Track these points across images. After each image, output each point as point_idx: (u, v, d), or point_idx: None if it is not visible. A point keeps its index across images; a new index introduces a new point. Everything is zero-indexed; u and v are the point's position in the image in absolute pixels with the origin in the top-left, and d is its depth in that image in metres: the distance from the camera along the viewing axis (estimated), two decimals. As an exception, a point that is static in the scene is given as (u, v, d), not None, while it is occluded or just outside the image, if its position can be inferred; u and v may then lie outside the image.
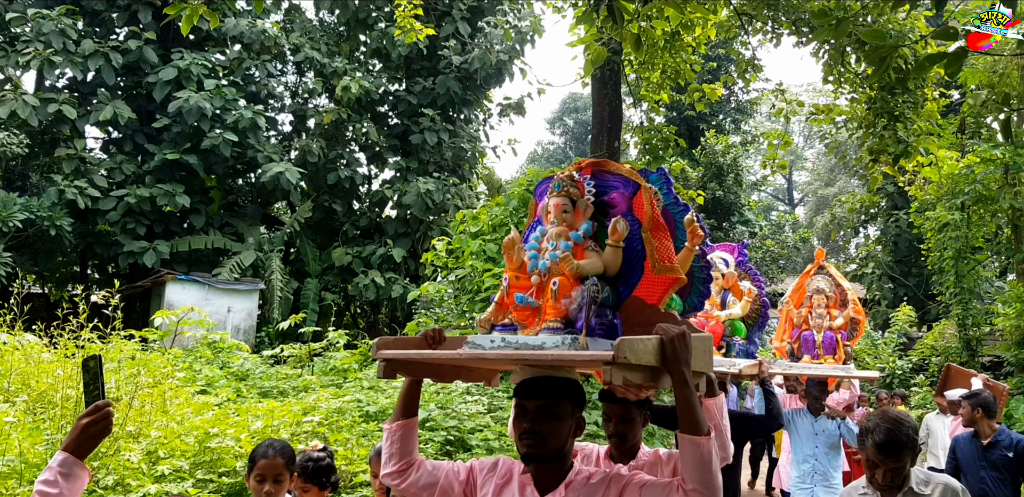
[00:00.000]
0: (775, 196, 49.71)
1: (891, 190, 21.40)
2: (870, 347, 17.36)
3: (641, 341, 2.14)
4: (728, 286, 5.10)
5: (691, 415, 2.18)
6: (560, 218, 2.58)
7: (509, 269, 2.59)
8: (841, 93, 11.36)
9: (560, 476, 2.37)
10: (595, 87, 12.25)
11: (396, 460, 2.56)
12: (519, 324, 2.50)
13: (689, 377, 2.21)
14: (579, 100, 42.44)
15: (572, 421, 2.40)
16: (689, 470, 2.16)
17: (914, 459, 3.14)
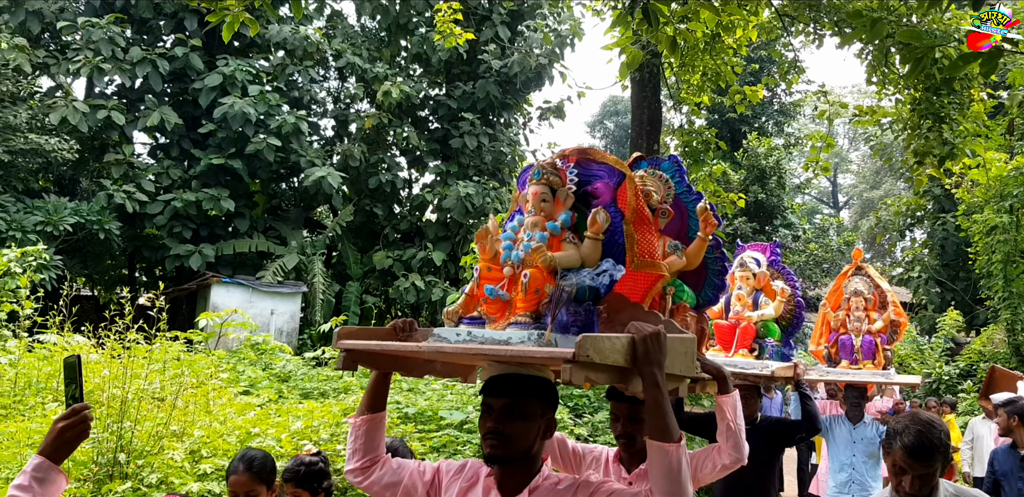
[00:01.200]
0: (819, 199, 49.12)
1: (938, 193, 21.04)
2: (916, 352, 17.07)
3: (608, 339, 2.02)
4: (760, 286, 4.95)
5: (661, 420, 2.05)
6: (538, 207, 2.44)
7: (482, 259, 2.46)
8: (885, 94, 11.22)
9: (526, 480, 2.26)
10: (634, 90, 12.23)
11: (360, 456, 2.46)
12: (488, 318, 2.37)
13: (661, 380, 2.07)
14: (620, 103, 42.33)
15: (541, 422, 2.27)
16: (657, 479, 2.03)
17: (945, 467, 2.89)
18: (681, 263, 3.18)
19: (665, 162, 3.45)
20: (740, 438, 3.12)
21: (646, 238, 2.47)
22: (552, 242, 2.35)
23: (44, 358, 6.81)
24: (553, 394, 2.33)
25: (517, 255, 2.34)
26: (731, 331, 4.81)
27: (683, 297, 3.18)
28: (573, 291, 2.25)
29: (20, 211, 16.58)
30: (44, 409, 5.68)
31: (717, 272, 3.33)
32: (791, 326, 4.99)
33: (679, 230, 3.33)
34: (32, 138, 16.60)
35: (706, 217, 3.17)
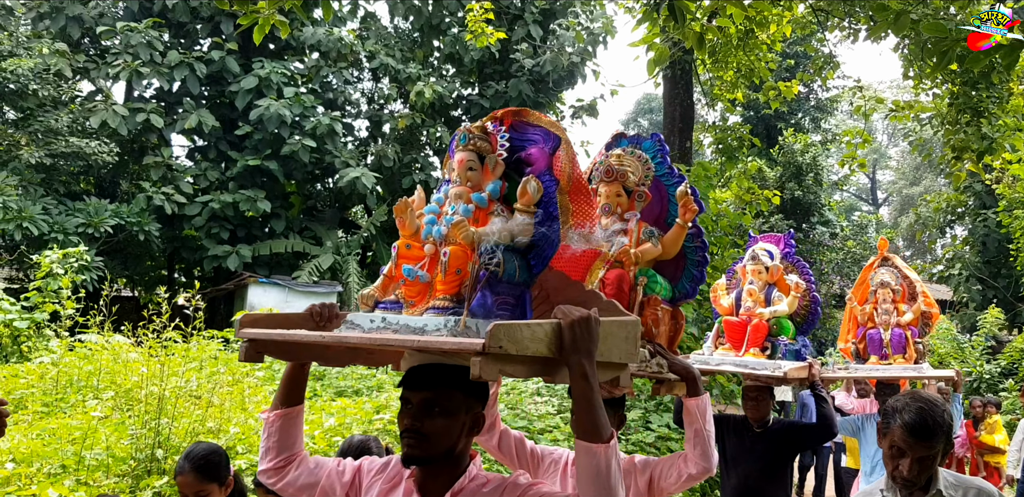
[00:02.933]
0: (858, 196, 48.52)
1: (979, 189, 20.67)
2: (956, 350, 16.82)
3: (527, 327, 1.79)
4: (773, 280, 4.61)
5: (589, 416, 1.84)
6: (464, 177, 2.20)
7: (403, 236, 2.21)
8: (922, 89, 11.08)
9: (449, 482, 2.04)
10: (666, 87, 12.19)
11: (273, 455, 2.24)
12: (407, 302, 2.12)
13: (590, 371, 1.85)
14: (654, 101, 42.13)
15: (466, 418, 2.05)
16: (584, 484, 1.82)
17: (946, 452, 2.64)
18: (656, 251, 3.01)
19: (647, 141, 3.26)
20: (709, 446, 2.87)
21: (583, 209, 2.22)
22: (478, 215, 2.13)
23: (85, 357, 6.95)
24: (482, 386, 2.10)
25: (439, 231, 2.12)
26: (742, 329, 4.51)
27: (656, 289, 2.99)
28: (499, 270, 2.02)
29: (62, 213, 16.90)
30: (84, 406, 5.79)
31: (696, 263, 3.12)
32: (806, 323, 4.71)
33: (658, 215, 3.15)
34: (73, 141, 16.91)
35: (686, 202, 2.98)
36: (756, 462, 4.65)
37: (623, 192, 3.08)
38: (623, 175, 3.07)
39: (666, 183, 3.17)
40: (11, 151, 16.50)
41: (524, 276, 2.12)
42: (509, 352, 1.72)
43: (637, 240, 2.99)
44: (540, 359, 1.84)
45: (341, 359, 2.37)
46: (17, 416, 5.67)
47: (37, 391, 6.32)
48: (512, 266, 2.07)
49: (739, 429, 4.81)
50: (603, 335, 1.92)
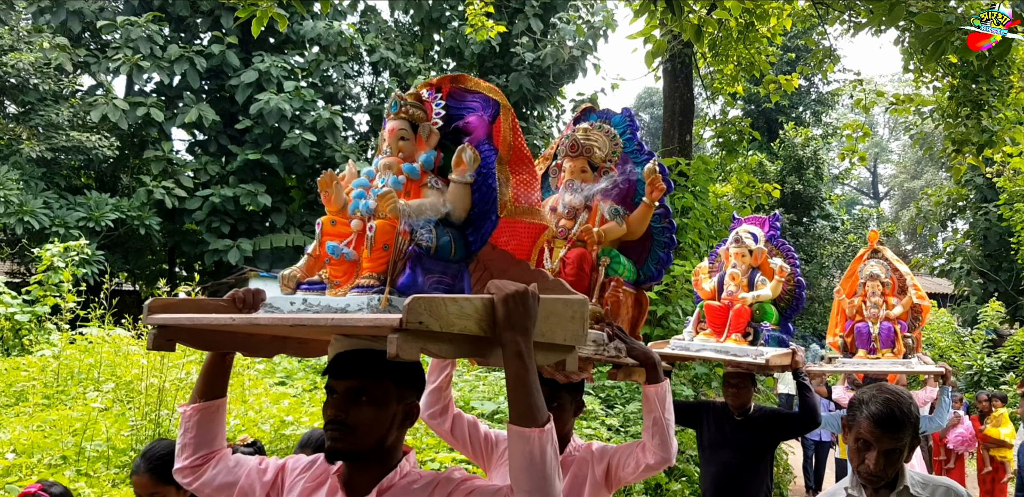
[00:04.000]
0: (859, 190, 48.49)
1: (980, 182, 20.69)
2: (957, 344, 16.85)
3: (453, 301, 1.64)
4: (757, 264, 4.41)
5: (523, 399, 1.70)
6: (395, 147, 2.04)
7: (329, 212, 2.05)
8: (923, 82, 11.08)
9: (378, 478, 1.88)
10: (666, 80, 12.17)
11: (190, 452, 2.05)
12: (332, 282, 1.95)
13: (526, 350, 1.70)
14: (655, 95, 42.07)
15: (398, 408, 1.88)
16: (516, 472, 1.68)
17: (913, 446, 2.54)
18: (620, 231, 2.88)
19: (617, 116, 3.10)
20: (668, 435, 2.73)
21: (524, 180, 2.07)
22: (411, 188, 1.98)
23: (86, 350, 6.97)
24: (415, 374, 1.95)
25: (366, 205, 1.93)
26: (724, 313, 4.31)
27: (619, 270, 2.84)
28: (431, 246, 1.88)
29: (63, 207, 16.92)
30: (85, 398, 5.82)
31: (663, 244, 2.98)
32: (790, 308, 4.50)
33: (625, 194, 2.99)
34: (74, 135, 16.93)
35: (654, 180, 2.82)
36: (736, 451, 4.54)
37: (588, 168, 2.93)
38: (588, 150, 2.93)
39: (635, 160, 3.01)
40: (12, 145, 16.52)
41: (461, 253, 1.97)
42: (432, 329, 1.58)
43: (601, 218, 2.86)
44: (470, 338, 1.70)
45: (267, 348, 2.20)
46: (18, 408, 5.70)
47: (38, 383, 6.34)
48: (446, 242, 1.92)
49: (719, 417, 4.68)
50: (545, 314, 1.81)
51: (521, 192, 2.06)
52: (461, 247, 1.97)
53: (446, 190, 2.00)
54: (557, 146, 3.07)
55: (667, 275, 8.79)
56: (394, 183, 1.95)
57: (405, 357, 1.54)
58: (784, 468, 10.03)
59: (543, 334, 1.83)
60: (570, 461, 2.85)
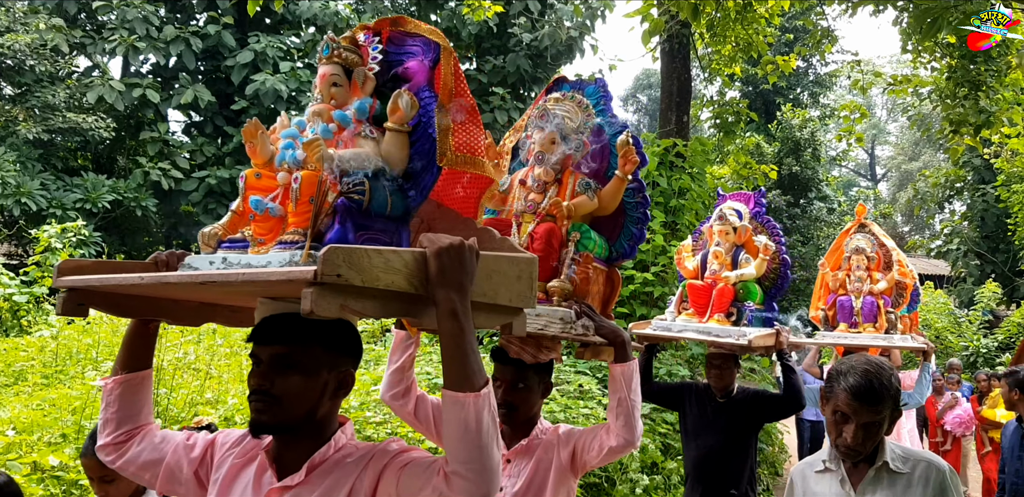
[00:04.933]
0: (856, 172, 48.45)
1: (977, 163, 20.68)
2: (953, 325, 16.91)
3: (378, 253, 1.50)
4: (741, 242, 4.26)
5: (458, 362, 1.57)
6: (327, 93, 1.89)
7: (254, 165, 1.89)
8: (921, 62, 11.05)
9: (309, 453, 1.74)
10: (664, 61, 12.12)
11: (112, 428, 1.89)
12: (255, 239, 1.78)
13: (461, 308, 1.58)
14: (652, 76, 41.93)
15: (330, 376, 1.75)
16: (451, 441, 1.55)
17: (894, 419, 2.44)
18: (592, 206, 2.78)
19: (590, 86, 2.98)
20: (633, 416, 2.60)
21: (466, 128, 1.90)
22: (343, 138, 1.83)
23: (84, 330, 7.00)
24: (348, 338, 1.81)
25: (293, 155, 1.78)
26: (707, 293, 4.18)
27: (589, 246, 2.75)
28: (364, 200, 1.72)
29: (60, 189, 16.90)
30: (84, 377, 5.85)
31: (636, 220, 2.88)
32: (774, 287, 4.37)
33: (597, 168, 2.91)
34: (70, 117, 16.87)
35: (627, 152, 2.72)
36: (718, 434, 4.41)
37: (559, 139, 2.83)
38: (558, 120, 2.83)
39: (608, 132, 2.89)
40: (9, 127, 16.47)
41: (399, 209, 1.81)
42: (353, 283, 1.45)
43: (572, 192, 2.78)
44: (399, 295, 1.57)
45: (193, 316, 2.04)
46: (18, 387, 5.74)
47: (37, 363, 6.37)
48: (382, 196, 1.76)
49: (701, 399, 4.57)
50: (488, 272, 1.71)
51: (463, 140, 1.88)
52: (399, 202, 1.80)
53: (383, 140, 1.84)
54: (528, 118, 2.97)
55: (663, 256, 8.83)
56: (323, 131, 1.80)
57: (322, 314, 1.41)
58: (779, 447, 10.10)
59: (485, 294, 1.72)
60: (536, 444, 2.75)
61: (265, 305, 1.81)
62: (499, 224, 2.70)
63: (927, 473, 2.45)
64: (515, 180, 2.89)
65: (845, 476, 2.52)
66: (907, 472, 2.45)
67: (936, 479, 2.44)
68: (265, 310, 1.80)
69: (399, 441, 1.79)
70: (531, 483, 2.67)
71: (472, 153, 1.90)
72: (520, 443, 2.74)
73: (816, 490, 2.59)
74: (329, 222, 1.70)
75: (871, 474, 2.47)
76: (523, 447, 2.74)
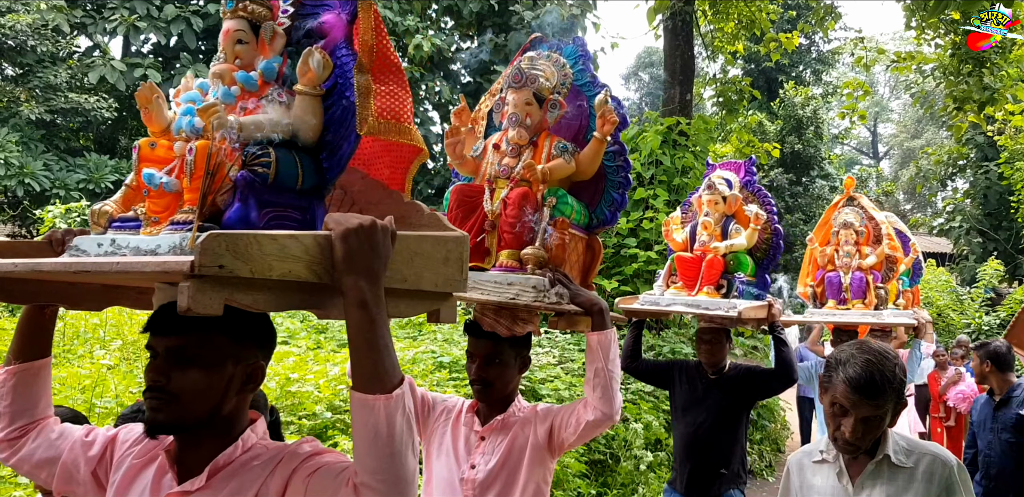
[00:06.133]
0: (859, 150, 48.31)
1: (980, 141, 20.63)
2: (955, 303, 16.94)
3: (270, 239, 1.33)
4: (731, 212, 4.08)
5: (367, 360, 1.40)
6: (231, 52, 1.66)
7: (151, 133, 1.69)
8: (924, 39, 11.01)
9: (213, 454, 1.56)
10: (667, 39, 12.08)
11: (7, 423, 1.72)
12: (149, 218, 1.57)
13: (372, 296, 1.40)
14: (654, 54, 41.71)
15: (236, 370, 1.56)
16: (361, 449, 1.39)
17: (896, 412, 2.27)
18: (569, 169, 2.63)
19: (569, 46, 2.83)
20: (611, 388, 2.43)
21: (391, 91, 1.70)
22: (248, 102, 1.62)
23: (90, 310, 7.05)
24: (258, 327, 1.61)
25: (191, 123, 1.58)
26: (696, 265, 4.01)
27: (567, 211, 2.59)
28: (269, 172, 1.52)
29: (63, 169, 16.91)
30: (92, 357, 5.91)
31: (617, 185, 2.72)
32: (766, 258, 4.19)
33: (577, 130, 2.77)
34: (72, 97, 16.86)
35: (605, 112, 2.55)
36: (709, 411, 4.26)
37: (533, 100, 2.66)
38: (534, 80, 2.63)
39: (587, 94, 2.74)
40: (11, 107, 16.47)
41: (312, 181, 1.61)
42: (239, 274, 1.28)
43: (548, 155, 2.63)
44: (298, 285, 1.41)
45: (94, 300, 1.81)
46: (27, 367, 5.79)
47: (45, 343, 6.43)
48: (291, 168, 1.56)
49: (692, 375, 4.43)
50: (408, 254, 1.55)
51: (386, 105, 1.67)
52: (311, 174, 1.60)
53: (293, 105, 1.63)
54: (503, 79, 2.79)
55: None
56: (224, 95, 1.60)
57: (202, 311, 1.25)
58: (782, 424, 10.18)
59: (406, 279, 1.56)
60: (512, 421, 2.63)
61: (163, 290, 1.58)
62: (471, 191, 2.67)
63: (932, 468, 2.29)
64: (489, 144, 2.77)
65: (843, 468, 2.38)
66: (910, 466, 2.30)
67: (942, 474, 2.28)
68: (163, 296, 1.57)
69: (313, 441, 1.63)
70: (505, 462, 2.55)
71: (397, 119, 1.70)
72: (496, 419, 2.62)
73: (812, 482, 2.46)
74: (229, 199, 1.51)
75: (871, 468, 2.33)
76: (498, 423, 2.62)
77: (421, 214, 1.76)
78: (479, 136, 2.93)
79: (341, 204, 1.80)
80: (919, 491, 2.26)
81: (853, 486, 2.35)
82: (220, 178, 1.50)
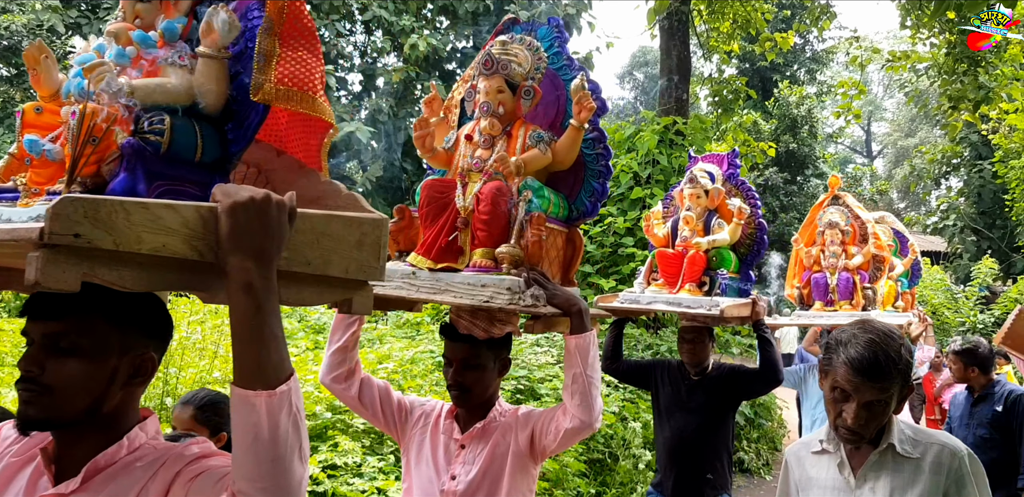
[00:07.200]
0: (853, 148, 48.41)
1: (974, 139, 20.72)
2: (950, 301, 17.00)
3: (143, 208, 1.17)
4: (714, 206, 3.91)
5: (250, 351, 1.23)
6: (130, 10, 1.53)
7: (40, 97, 1.54)
8: (919, 38, 11.05)
9: (94, 453, 1.39)
10: (663, 39, 12.10)
11: None
12: (29, 189, 1.40)
13: (260, 279, 1.24)
14: (649, 54, 41.76)
15: (121, 361, 1.38)
16: (239, 453, 1.22)
17: (903, 397, 2.08)
18: (545, 160, 2.46)
19: (543, 27, 2.65)
20: (590, 394, 2.28)
21: (299, 58, 1.51)
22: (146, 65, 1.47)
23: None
24: (149, 313, 1.45)
25: (80, 86, 1.42)
26: (677, 262, 3.83)
27: (543, 205, 2.41)
28: (163, 141, 1.38)
29: None
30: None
31: (597, 174, 2.56)
32: (751, 254, 4.03)
33: (554, 117, 2.60)
34: (66, 98, 16.85)
35: (581, 98, 2.38)
36: (692, 413, 4.10)
37: (506, 88, 2.49)
38: (506, 66, 2.47)
39: (564, 78, 2.57)
40: (7, 108, 16.43)
41: (213, 154, 1.47)
42: (101, 245, 1.13)
43: (523, 146, 2.47)
44: (176, 262, 1.24)
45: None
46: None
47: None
48: (188, 138, 1.42)
49: (674, 376, 4.26)
50: (313, 235, 1.40)
51: (291, 71, 1.48)
52: (213, 146, 1.46)
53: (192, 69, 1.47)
54: (475, 66, 2.64)
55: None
56: (118, 55, 1.44)
57: (53, 285, 1.09)
58: (779, 422, 10.21)
59: (309, 262, 1.41)
60: (493, 427, 2.49)
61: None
62: (443, 186, 2.50)
63: (940, 458, 2.10)
64: (461, 135, 2.60)
65: (844, 459, 2.20)
66: (917, 457, 2.12)
67: (952, 465, 2.09)
68: None
69: (204, 442, 1.48)
70: (487, 471, 2.43)
71: (301, 88, 1.49)
72: (475, 426, 2.48)
73: (812, 474, 2.28)
74: (116, 169, 1.36)
75: (874, 458, 2.15)
76: (479, 430, 2.48)
77: (339, 195, 1.60)
78: (452, 126, 2.79)
79: (255, 182, 1.64)
80: (927, 483, 2.08)
81: (855, 478, 2.17)
82: (106, 145, 1.36)
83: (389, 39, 22.04)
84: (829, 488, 2.21)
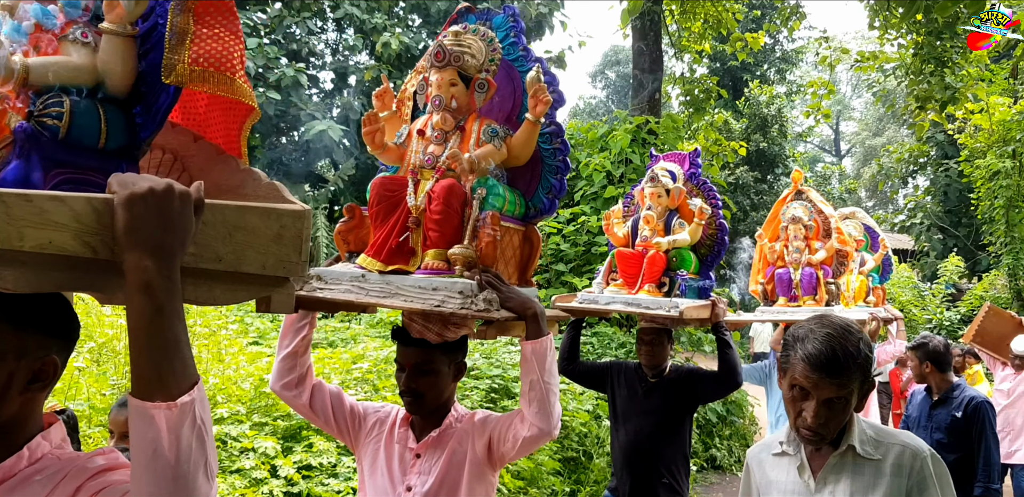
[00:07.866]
0: (821, 147, 48.90)
1: (941, 139, 21.00)
2: (917, 298, 17.23)
3: (25, 200, 1.07)
4: (675, 206, 3.84)
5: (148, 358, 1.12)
6: None
7: None
8: (887, 39, 11.18)
9: None
10: (635, 38, 12.15)
11: None
12: None
13: (161, 278, 1.13)
14: (621, 53, 41.91)
15: (19, 365, 1.24)
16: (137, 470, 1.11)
17: (864, 393, 2.02)
18: (500, 156, 2.37)
19: (499, 16, 2.53)
20: (548, 401, 2.19)
21: (216, 36, 1.39)
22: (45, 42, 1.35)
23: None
24: (51, 312, 1.30)
25: None
26: (637, 262, 3.77)
27: (498, 203, 2.30)
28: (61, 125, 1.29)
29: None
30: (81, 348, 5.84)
31: (555, 169, 2.45)
32: (711, 255, 3.97)
33: (509, 111, 2.51)
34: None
35: (537, 91, 2.28)
36: (649, 416, 4.03)
37: (459, 80, 2.37)
38: (458, 58, 2.34)
39: (520, 70, 2.45)
40: None
41: (119, 140, 1.35)
42: None
43: (477, 141, 2.36)
44: (65, 260, 1.13)
45: None
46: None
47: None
48: (91, 122, 1.32)
49: (630, 378, 4.19)
50: (225, 228, 1.29)
51: (207, 50, 1.37)
52: (120, 131, 1.35)
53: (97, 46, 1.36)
54: (427, 58, 2.51)
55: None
56: (13, 31, 1.32)
57: None
58: (750, 420, 10.29)
59: (221, 258, 1.30)
60: (449, 435, 2.42)
61: None
62: (394, 184, 2.41)
63: (901, 459, 2.04)
64: (413, 130, 2.48)
65: (805, 461, 2.13)
66: (878, 458, 2.05)
67: (913, 467, 2.03)
68: None
69: (109, 454, 1.36)
70: (444, 480, 2.36)
71: (218, 68, 1.38)
72: (430, 435, 2.41)
73: (772, 477, 2.21)
74: (8, 155, 1.27)
75: (833, 460, 2.09)
76: (434, 439, 2.41)
77: (258, 184, 1.49)
78: (405, 120, 2.67)
79: (170, 171, 1.54)
80: (888, 486, 2.02)
81: (815, 481, 2.10)
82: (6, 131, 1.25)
83: (361, 37, 21.95)
84: (789, 492, 2.15)
